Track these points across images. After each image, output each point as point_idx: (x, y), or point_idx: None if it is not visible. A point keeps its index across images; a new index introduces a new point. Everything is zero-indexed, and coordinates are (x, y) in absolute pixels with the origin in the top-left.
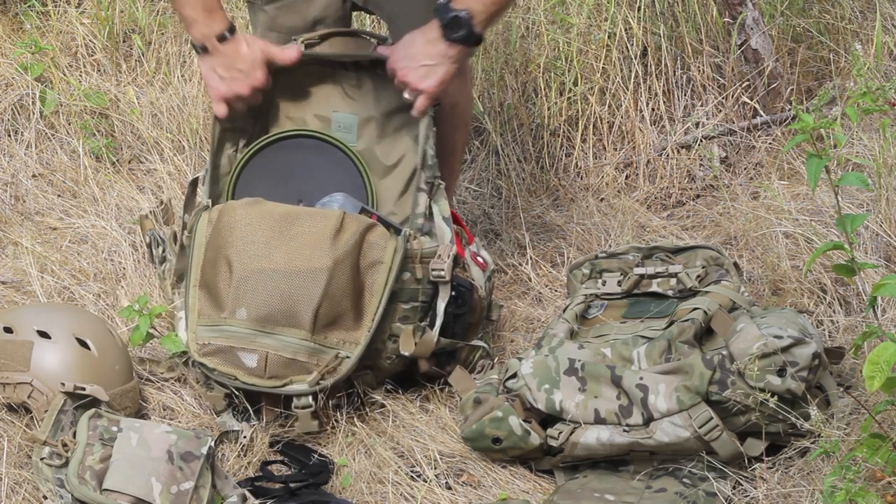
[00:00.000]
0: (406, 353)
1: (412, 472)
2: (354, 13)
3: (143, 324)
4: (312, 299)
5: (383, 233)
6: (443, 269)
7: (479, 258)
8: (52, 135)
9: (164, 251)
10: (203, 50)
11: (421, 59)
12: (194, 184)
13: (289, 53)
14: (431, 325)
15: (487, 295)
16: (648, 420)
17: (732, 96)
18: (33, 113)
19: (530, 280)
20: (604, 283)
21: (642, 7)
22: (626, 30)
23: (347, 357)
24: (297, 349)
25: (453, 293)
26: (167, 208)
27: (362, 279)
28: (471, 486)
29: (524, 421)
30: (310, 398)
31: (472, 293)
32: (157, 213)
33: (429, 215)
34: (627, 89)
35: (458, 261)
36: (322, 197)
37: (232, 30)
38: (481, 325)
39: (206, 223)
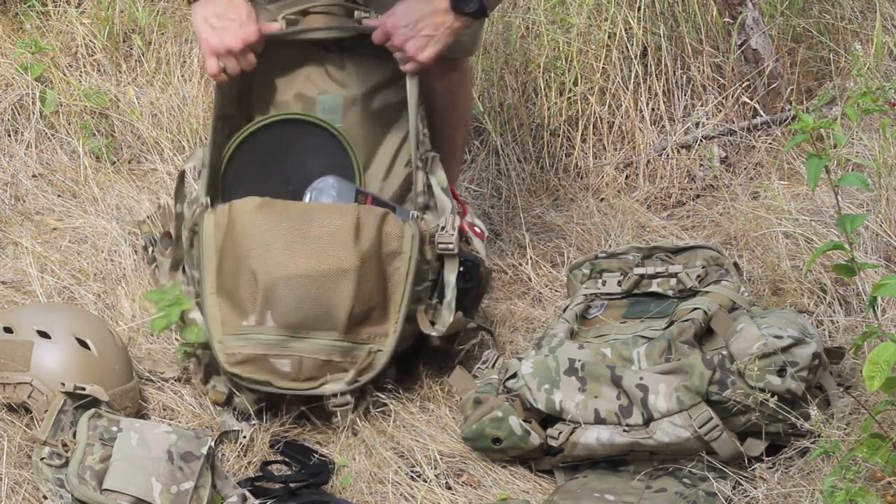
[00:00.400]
0: (434, 334)
1: (412, 472)
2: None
3: (173, 314)
4: (345, 301)
5: (397, 221)
6: (451, 243)
7: (475, 228)
8: (52, 135)
9: (152, 252)
10: None
11: (423, 29)
12: (182, 175)
13: (271, 26)
14: (441, 300)
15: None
16: (648, 420)
17: (732, 96)
18: (33, 113)
19: (530, 280)
20: (604, 283)
21: (642, 7)
22: (626, 30)
23: (380, 350)
24: (331, 350)
25: (461, 268)
26: (165, 211)
27: (384, 270)
28: (471, 486)
29: (524, 421)
30: (349, 396)
31: (478, 267)
32: (155, 216)
33: (427, 190)
34: (627, 89)
35: (461, 234)
36: (311, 180)
37: None
38: (484, 297)
39: (212, 226)
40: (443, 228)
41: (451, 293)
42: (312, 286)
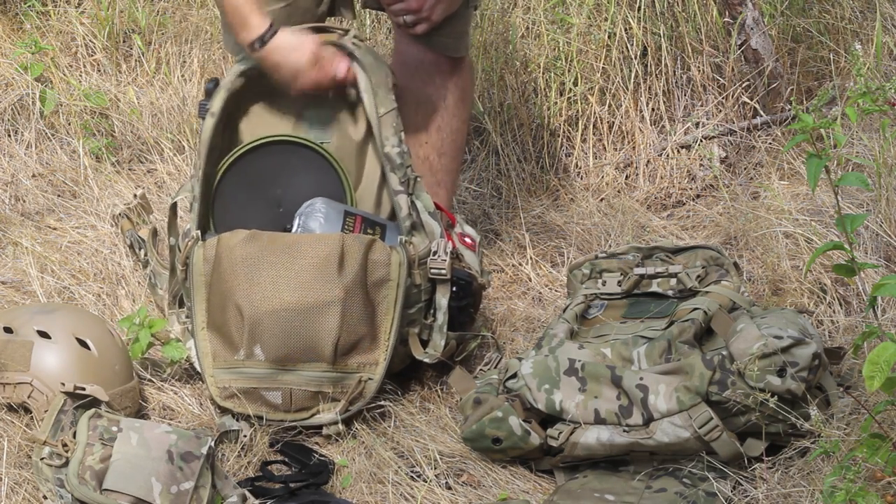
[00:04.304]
0: (427, 360)
1: (412, 472)
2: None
3: (143, 337)
4: (330, 332)
5: (384, 248)
6: (443, 269)
7: (466, 239)
8: (52, 135)
9: (145, 254)
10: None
11: None
12: (174, 207)
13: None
14: (434, 320)
15: (482, 274)
16: (648, 420)
17: (732, 96)
18: (33, 113)
19: (530, 280)
20: (604, 283)
21: (642, 7)
22: (626, 30)
23: (370, 379)
24: (320, 381)
25: (454, 288)
26: (142, 204)
27: (371, 299)
28: (471, 486)
29: (524, 421)
30: (341, 424)
31: (471, 284)
32: (134, 209)
33: (414, 212)
34: (627, 89)
35: (453, 252)
36: (301, 200)
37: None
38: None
39: (201, 260)
40: (434, 253)
41: (442, 316)
42: (297, 320)
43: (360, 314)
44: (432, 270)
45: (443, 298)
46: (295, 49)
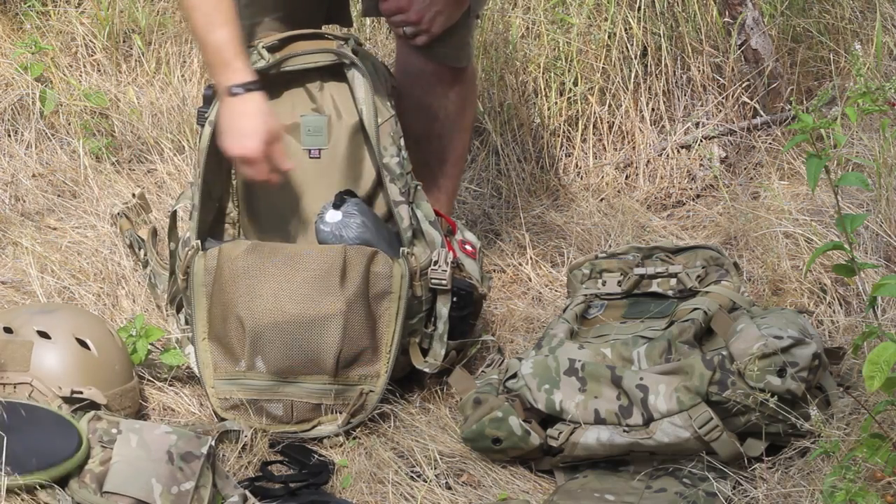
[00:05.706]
0: (427, 370)
1: (412, 472)
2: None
3: (140, 348)
4: (332, 345)
5: (385, 260)
6: (444, 279)
7: (466, 246)
8: (52, 135)
9: (145, 254)
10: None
11: (436, 4)
12: (174, 216)
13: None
14: (435, 329)
15: (482, 281)
16: (648, 420)
17: (732, 96)
18: (33, 113)
19: (530, 280)
20: (604, 284)
21: (642, 7)
22: (626, 30)
23: (372, 391)
24: (322, 393)
25: (454, 298)
26: (141, 204)
27: (373, 311)
28: (471, 486)
29: (524, 421)
30: (342, 437)
31: (472, 294)
32: (133, 208)
33: (415, 221)
34: (627, 89)
35: (454, 263)
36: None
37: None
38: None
39: (202, 270)
40: (435, 263)
41: (443, 326)
42: (299, 332)
43: (362, 327)
44: (433, 281)
45: (443, 308)
46: (255, 116)
